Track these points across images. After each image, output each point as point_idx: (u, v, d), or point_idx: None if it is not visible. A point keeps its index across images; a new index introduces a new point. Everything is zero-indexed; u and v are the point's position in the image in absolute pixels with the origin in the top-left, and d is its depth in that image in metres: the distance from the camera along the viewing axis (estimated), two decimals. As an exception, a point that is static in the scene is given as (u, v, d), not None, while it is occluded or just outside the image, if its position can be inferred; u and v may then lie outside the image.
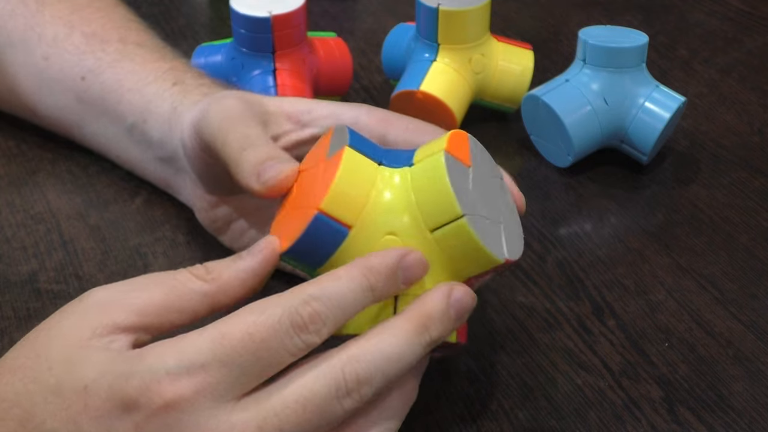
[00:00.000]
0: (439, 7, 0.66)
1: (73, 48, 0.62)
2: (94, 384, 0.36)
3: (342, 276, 0.39)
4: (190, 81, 0.58)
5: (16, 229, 0.60)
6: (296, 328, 0.37)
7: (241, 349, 0.37)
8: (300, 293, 0.38)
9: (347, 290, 0.38)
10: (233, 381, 0.37)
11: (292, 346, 0.37)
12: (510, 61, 0.69)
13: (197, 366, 0.36)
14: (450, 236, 0.41)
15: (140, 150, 0.60)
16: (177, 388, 0.36)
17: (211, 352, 0.36)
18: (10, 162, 0.66)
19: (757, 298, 0.55)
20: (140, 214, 0.61)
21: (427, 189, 0.42)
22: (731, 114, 0.73)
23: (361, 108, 0.51)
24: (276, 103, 0.51)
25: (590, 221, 0.62)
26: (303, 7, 0.65)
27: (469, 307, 0.41)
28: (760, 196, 0.64)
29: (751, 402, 0.49)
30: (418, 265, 0.40)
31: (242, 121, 0.48)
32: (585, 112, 0.63)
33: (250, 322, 0.37)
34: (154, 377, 0.36)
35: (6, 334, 0.52)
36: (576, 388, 0.49)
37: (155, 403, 0.36)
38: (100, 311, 0.39)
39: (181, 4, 0.88)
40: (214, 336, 0.37)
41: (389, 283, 0.40)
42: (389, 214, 0.42)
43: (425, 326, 0.39)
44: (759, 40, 0.84)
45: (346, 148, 0.42)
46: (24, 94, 0.65)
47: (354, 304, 0.39)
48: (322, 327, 0.38)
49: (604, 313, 0.54)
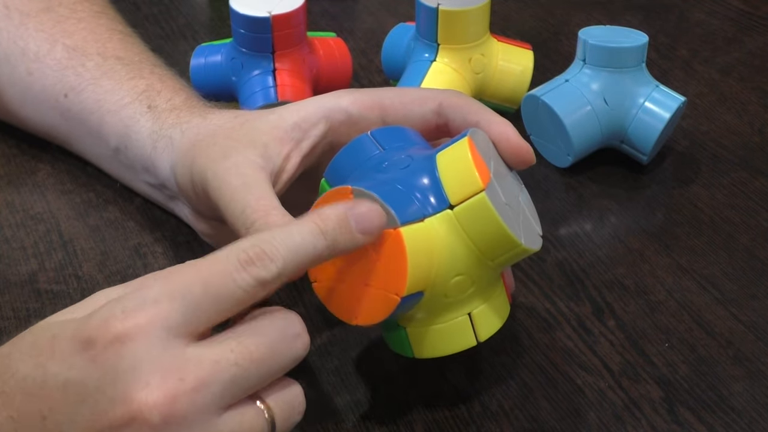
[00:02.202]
0: (439, 7, 0.66)
1: (54, 63, 0.62)
2: (60, 332, 0.38)
3: (294, 222, 0.41)
4: (164, 104, 0.57)
5: (16, 229, 0.60)
6: (242, 262, 0.38)
7: (190, 283, 0.38)
8: (250, 237, 0.40)
9: (296, 231, 0.40)
10: (185, 314, 0.38)
11: (241, 280, 0.38)
12: (510, 61, 0.69)
13: (149, 301, 0.38)
14: (508, 260, 0.45)
15: (128, 172, 0.60)
16: (129, 320, 0.37)
17: (160, 287, 0.38)
18: (10, 162, 0.66)
19: (757, 299, 0.55)
20: (140, 214, 0.61)
21: (481, 232, 0.44)
22: (731, 114, 0.73)
23: (345, 99, 0.51)
24: (265, 129, 0.51)
25: (590, 221, 0.62)
26: (303, 7, 0.65)
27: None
28: (761, 196, 0.64)
29: (751, 402, 0.49)
30: (369, 212, 0.42)
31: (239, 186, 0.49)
32: (585, 112, 0.63)
33: (199, 261, 0.39)
34: (110, 314, 0.37)
35: (6, 334, 0.52)
36: (576, 389, 0.49)
37: (109, 335, 0.37)
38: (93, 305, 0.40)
39: (181, 4, 0.88)
40: (165, 273, 0.39)
41: (341, 230, 0.41)
42: (452, 263, 0.44)
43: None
44: (759, 40, 0.84)
45: (401, 229, 0.43)
46: (12, 107, 0.65)
47: (304, 245, 0.40)
48: (269, 263, 0.39)
49: (604, 314, 0.54)
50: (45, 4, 0.65)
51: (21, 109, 0.64)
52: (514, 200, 0.46)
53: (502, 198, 0.45)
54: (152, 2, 0.88)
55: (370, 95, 0.51)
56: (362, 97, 0.51)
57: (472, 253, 0.44)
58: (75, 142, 0.63)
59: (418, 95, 0.51)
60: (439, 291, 0.44)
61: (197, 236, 0.58)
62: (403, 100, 0.51)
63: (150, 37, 0.81)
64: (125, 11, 0.71)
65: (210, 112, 0.55)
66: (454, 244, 0.44)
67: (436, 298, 0.45)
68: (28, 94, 0.63)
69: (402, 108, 0.50)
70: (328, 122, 0.51)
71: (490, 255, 0.44)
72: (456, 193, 0.44)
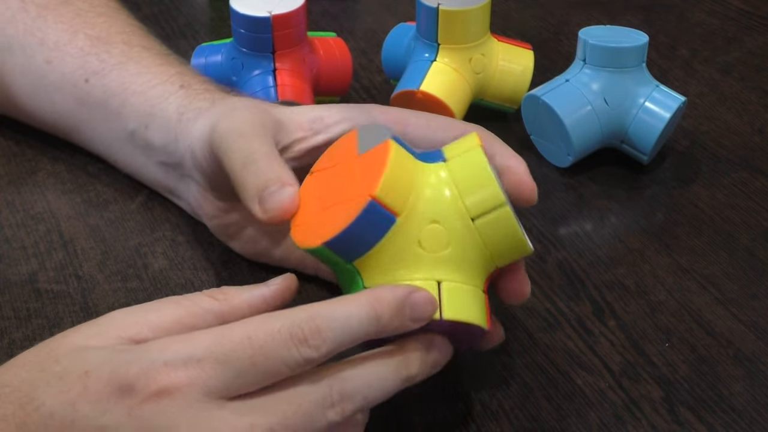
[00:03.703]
0: (439, 6, 0.66)
1: (76, 51, 0.62)
2: (96, 369, 0.38)
3: (350, 301, 0.40)
4: (197, 86, 0.58)
5: (16, 229, 0.60)
6: (295, 339, 0.38)
7: (239, 351, 0.38)
8: (306, 309, 0.39)
9: (354, 315, 0.40)
10: (227, 380, 0.38)
11: (289, 358, 0.38)
12: (510, 61, 0.69)
13: (194, 360, 0.37)
14: (492, 224, 0.44)
15: (141, 155, 0.60)
16: (171, 377, 0.37)
17: (208, 349, 0.38)
18: (10, 162, 0.66)
19: (757, 298, 0.55)
20: (140, 214, 0.61)
21: (469, 180, 0.44)
22: (731, 114, 0.73)
23: (373, 109, 0.51)
24: (287, 112, 0.52)
25: (590, 221, 0.62)
26: (303, 7, 0.65)
27: (444, 359, 0.44)
28: (761, 196, 0.64)
29: (751, 402, 0.49)
30: (425, 303, 0.41)
31: (249, 134, 0.49)
32: (585, 112, 0.63)
33: (252, 327, 0.39)
34: (152, 365, 0.37)
35: (6, 334, 0.52)
36: (576, 388, 0.49)
37: (149, 388, 0.37)
38: (116, 326, 0.41)
39: (181, 4, 0.88)
40: (216, 334, 0.38)
41: (396, 317, 0.41)
42: (431, 203, 0.44)
43: (406, 362, 0.42)
44: (759, 39, 0.84)
45: (390, 141, 0.44)
46: (21, 99, 0.65)
47: (358, 330, 0.40)
48: (321, 344, 0.38)
49: (605, 314, 0.54)
50: None
51: (32, 99, 0.64)
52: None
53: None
54: (152, 2, 0.88)
55: (398, 112, 0.51)
56: (390, 111, 0.51)
57: (454, 204, 0.44)
58: (85, 129, 0.63)
59: (446, 122, 0.51)
60: (412, 232, 0.43)
61: (197, 236, 0.58)
62: (430, 123, 0.51)
63: (150, 37, 0.81)
64: (125, 11, 0.71)
65: (241, 96, 0.56)
66: (439, 187, 0.44)
67: (407, 240, 0.43)
68: (44, 82, 0.63)
69: (426, 129, 0.50)
70: (351, 124, 0.51)
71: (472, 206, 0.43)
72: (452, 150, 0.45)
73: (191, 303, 0.43)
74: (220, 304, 0.43)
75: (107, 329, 0.40)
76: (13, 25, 0.64)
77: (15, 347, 0.51)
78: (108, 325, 0.41)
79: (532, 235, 0.60)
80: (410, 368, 0.42)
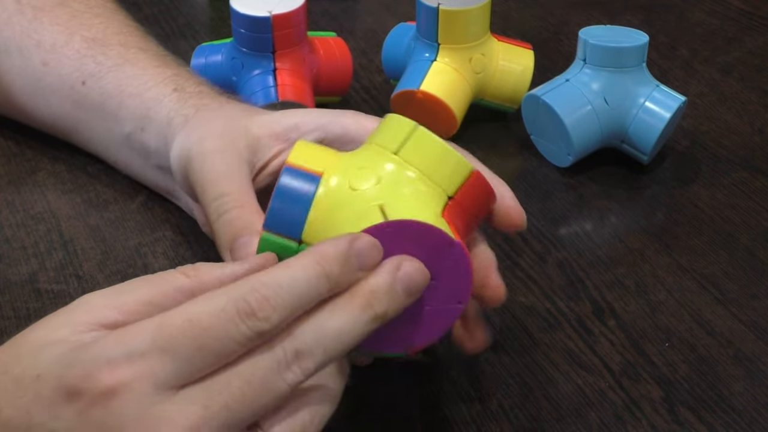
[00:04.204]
0: (440, 6, 0.66)
1: (73, 53, 0.62)
2: (45, 373, 0.37)
3: (293, 264, 0.38)
4: (190, 88, 0.58)
5: (16, 229, 0.60)
6: (243, 314, 0.36)
7: (182, 337, 0.36)
8: (249, 280, 0.37)
9: (300, 277, 0.37)
10: (175, 369, 0.36)
11: (238, 335, 0.36)
12: (510, 60, 0.69)
13: (137, 354, 0.36)
14: (415, 148, 0.43)
15: (139, 157, 0.60)
16: (116, 375, 0.36)
17: (150, 340, 0.36)
18: (10, 162, 0.66)
19: (757, 298, 0.55)
20: (140, 214, 0.61)
21: (379, 127, 0.45)
22: (731, 114, 0.73)
23: (348, 118, 0.51)
24: (264, 123, 0.52)
25: (590, 221, 0.62)
26: (303, 7, 0.65)
27: (420, 282, 0.40)
28: (761, 196, 0.64)
29: (751, 402, 0.49)
30: (370, 248, 0.39)
31: (222, 172, 0.49)
32: (585, 112, 0.63)
33: (192, 310, 0.37)
34: (95, 365, 0.36)
35: (6, 334, 0.52)
36: (576, 388, 0.49)
37: (96, 389, 0.36)
38: (85, 311, 0.40)
39: (181, 4, 0.88)
40: (156, 324, 0.37)
41: (344, 269, 0.38)
42: (356, 156, 0.44)
43: (369, 302, 0.38)
44: (759, 39, 0.84)
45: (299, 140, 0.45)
46: (20, 100, 0.65)
47: (308, 291, 0.37)
48: (272, 313, 0.36)
49: (605, 313, 0.54)
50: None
51: (30, 101, 0.64)
52: None
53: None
54: (152, 2, 0.88)
55: (371, 120, 0.51)
56: (362, 119, 0.51)
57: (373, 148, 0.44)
58: (83, 130, 0.63)
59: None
60: (341, 180, 0.42)
61: (197, 236, 0.58)
62: None
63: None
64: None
65: (228, 102, 0.56)
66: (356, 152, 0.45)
67: (339, 188, 0.42)
68: (41, 84, 0.63)
69: None
70: (324, 132, 0.51)
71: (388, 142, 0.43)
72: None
73: (162, 281, 0.41)
74: (191, 281, 0.41)
75: (76, 316, 0.39)
76: (9, 27, 0.64)
77: (15, 347, 0.51)
78: (76, 311, 0.39)
79: (532, 235, 0.60)
80: (375, 306, 0.38)
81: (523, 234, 0.60)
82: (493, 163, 0.67)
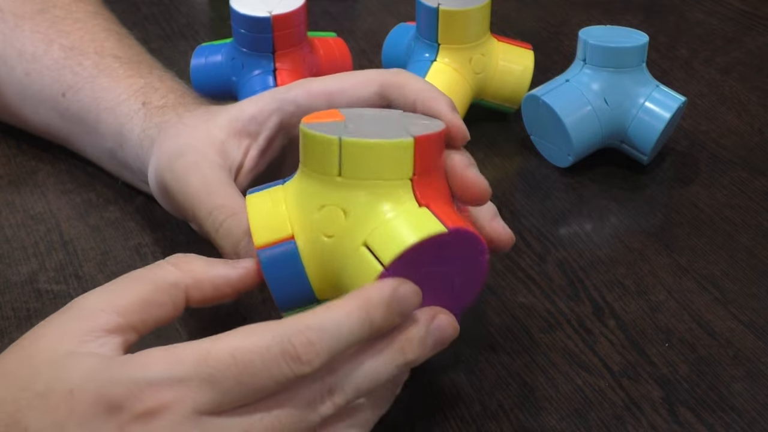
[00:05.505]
0: (440, 6, 0.66)
1: (52, 63, 0.62)
2: (80, 388, 0.37)
3: (339, 307, 0.39)
4: (156, 101, 0.57)
5: (16, 229, 0.60)
6: (287, 356, 0.37)
7: (225, 370, 0.37)
8: (295, 322, 0.38)
9: (344, 322, 0.38)
10: (213, 399, 0.37)
11: (280, 375, 0.37)
12: (510, 61, 0.69)
13: (179, 379, 0.37)
14: (352, 163, 0.42)
15: (126, 170, 0.60)
16: (158, 397, 0.36)
17: (193, 368, 0.37)
18: (10, 162, 0.66)
19: (757, 298, 0.55)
20: (140, 214, 0.61)
21: (308, 154, 0.43)
22: (731, 114, 0.73)
23: (296, 90, 0.51)
24: (223, 124, 0.52)
25: (590, 221, 0.62)
26: (303, 7, 0.65)
27: (450, 337, 0.42)
28: (761, 196, 0.64)
29: (751, 402, 0.49)
30: (412, 295, 0.40)
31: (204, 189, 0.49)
32: (585, 112, 0.63)
33: (237, 344, 0.37)
34: (137, 385, 0.36)
35: (6, 334, 0.52)
36: (576, 388, 0.49)
37: (137, 408, 0.36)
38: (84, 318, 0.40)
39: (181, 4, 0.88)
40: (200, 352, 0.37)
41: (386, 316, 0.39)
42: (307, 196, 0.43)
43: (403, 349, 0.40)
44: (759, 40, 0.84)
45: (246, 197, 0.45)
46: (12, 109, 0.65)
47: (349, 337, 0.38)
48: (314, 358, 0.37)
49: (604, 313, 0.54)
50: (40, 5, 0.64)
51: (20, 110, 0.64)
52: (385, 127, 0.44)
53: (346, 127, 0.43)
54: (152, 2, 0.88)
55: (318, 84, 0.51)
56: (310, 86, 0.51)
57: (318, 180, 0.43)
58: (75, 141, 0.63)
59: (361, 78, 0.50)
60: (313, 234, 0.43)
61: (197, 236, 0.58)
62: (345, 85, 0.50)
63: (150, 37, 0.81)
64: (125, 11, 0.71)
65: (190, 110, 0.55)
66: (303, 183, 0.44)
67: (318, 244, 0.43)
68: (27, 94, 0.63)
69: (346, 93, 0.50)
70: (281, 114, 0.51)
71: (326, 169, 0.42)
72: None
73: (155, 276, 0.42)
74: (185, 275, 0.42)
75: (76, 324, 0.39)
76: None
77: (15, 347, 0.51)
78: (76, 318, 0.40)
79: (532, 235, 0.60)
80: (407, 353, 0.40)
81: (523, 234, 0.60)
82: (493, 163, 0.68)
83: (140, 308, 0.41)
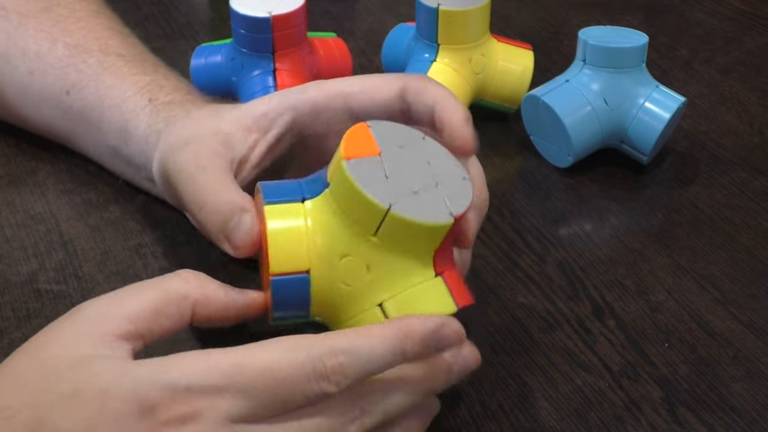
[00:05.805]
0: (439, 7, 0.66)
1: (56, 61, 0.62)
2: (112, 387, 0.37)
3: (376, 335, 0.39)
4: (163, 98, 0.57)
5: (16, 229, 0.60)
6: (318, 375, 0.38)
7: (260, 383, 0.38)
8: (330, 342, 0.39)
9: (378, 349, 0.39)
10: (248, 407, 0.38)
11: (309, 391, 0.38)
12: (510, 61, 0.69)
13: (214, 388, 0.37)
14: (391, 230, 0.43)
15: (129, 168, 0.60)
16: (193, 403, 0.37)
17: (230, 378, 0.38)
18: (10, 162, 0.66)
19: (757, 298, 0.55)
20: (140, 214, 0.61)
21: (349, 202, 0.43)
22: (731, 114, 0.73)
23: (312, 90, 0.51)
24: (232, 119, 0.52)
25: (590, 221, 0.62)
26: (303, 7, 0.65)
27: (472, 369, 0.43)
28: (761, 197, 0.64)
29: (751, 402, 0.49)
30: (454, 336, 0.41)
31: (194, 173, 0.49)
32: (585, 113, 0.63)
33: (273, 358, 0.38)
34: (174, 390, 0.37)
35: (6, 334, 0.52)
36: (576, 388, 0.49)
37: (172, 411, 0.37)
38: (94, 323, 0.40)
39: (181, 4, 0.88)
40: (237, 362, 0.38)
41: (422, 350, 0.40)
42: (334, 239, 0.44)
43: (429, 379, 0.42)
44: (759, 40, 0.84)
45: (265, 207, 0.45)
46: (13, 108, 0.65)
47: (381, 365, 0.39)
48: (342, 380, 0.38)
49: (604, 314, 0.54)
50: (43, 4, 0.64)
51: (22, 109, 0.64)
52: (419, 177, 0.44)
53: (385, 171, 0.43)
54: (152, 2, 0.88)
55: (335, 85, 0.51)
56: (327, 87, 0.51)
57: (350, 229, 0.43)
58: (76, 140, 0.63)
59: (381, 81, 0.51)
60: (331, 275, 0.43)
61: (197, 236, 0.58)
62: (365, 87, 0.50)
63: (150, 37, 0.81)
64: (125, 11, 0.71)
65: (199, 107, 0.56)
66: (331, 221, 0.44)
67: (332, 285, 0.44)
68: (29, 93, 0.63)
69: (365, 95, 0.50)
70: (295, 112, 0.51)
71: (364, 225, 0.43)
72: (330, 173, 0.44)
73: (167, 287, 0.42)
74: (196, 290, 0.43)
75: (91, 328, 0.40)
76: None
77: (15, 347, 0.51)
78: (89, 322, 0.40)
79: (532, 235, 0.60)
80: (435, 385, 0.42)
81: (523, 234, 0.60)
82: (493, 163, 0.68)
83: (150, 317, 0.41)
